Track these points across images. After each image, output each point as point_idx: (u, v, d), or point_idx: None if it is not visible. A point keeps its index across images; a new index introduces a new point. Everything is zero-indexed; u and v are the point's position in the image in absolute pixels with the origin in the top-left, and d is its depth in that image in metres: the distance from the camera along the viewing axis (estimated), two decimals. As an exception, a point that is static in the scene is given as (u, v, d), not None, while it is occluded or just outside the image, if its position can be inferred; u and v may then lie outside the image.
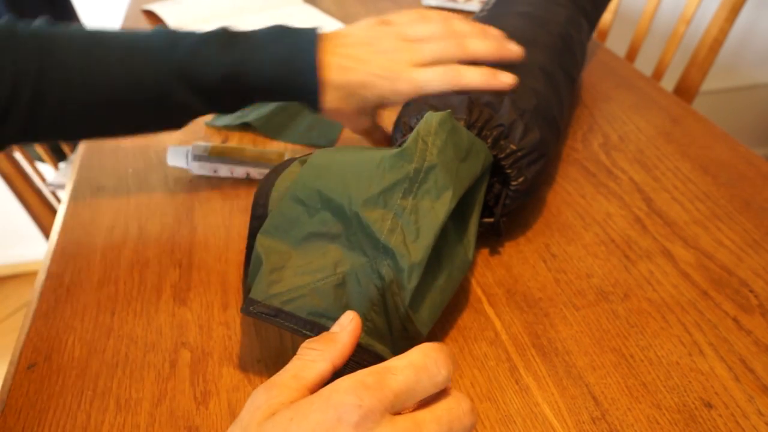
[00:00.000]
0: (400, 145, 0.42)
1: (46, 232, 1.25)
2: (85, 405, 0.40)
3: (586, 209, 0.53)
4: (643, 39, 1.02)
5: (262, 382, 0.40)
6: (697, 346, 0.41)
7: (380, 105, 0.51)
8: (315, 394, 0.25)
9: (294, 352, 0.42)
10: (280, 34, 0.50)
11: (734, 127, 1.88)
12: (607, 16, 1.08)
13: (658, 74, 0.97)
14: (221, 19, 0.95)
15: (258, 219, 0.41)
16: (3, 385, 0.41)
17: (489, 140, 0.46)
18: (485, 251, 0.49)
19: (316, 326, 0.36)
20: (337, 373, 0.31)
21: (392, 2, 1.02)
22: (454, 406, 0.25)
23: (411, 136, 0.40)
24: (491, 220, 0.47)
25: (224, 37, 0.49)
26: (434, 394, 0.26)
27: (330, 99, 0.50)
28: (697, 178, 0.56)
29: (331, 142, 0.64)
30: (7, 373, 0.42)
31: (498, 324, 0.43)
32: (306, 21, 0.93)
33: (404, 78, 0.48)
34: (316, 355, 0.28)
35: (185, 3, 1.01)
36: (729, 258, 0.47)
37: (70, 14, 1.22)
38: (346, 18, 0.95)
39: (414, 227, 0.37)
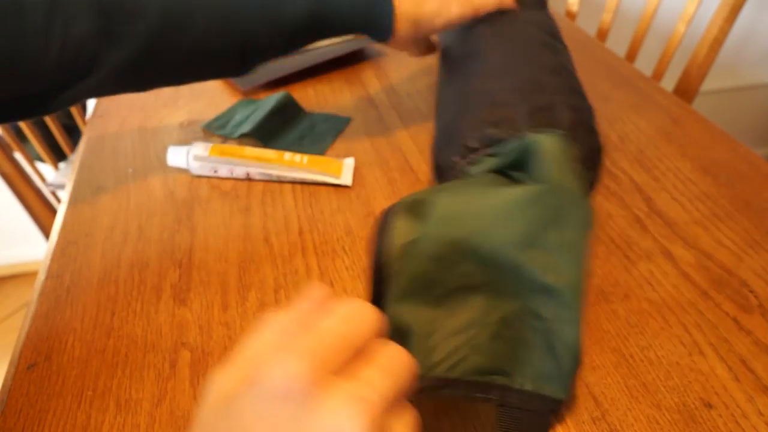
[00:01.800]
0: (459, 171, 0.42)
1: (46, 232, 1.25)
2: (85, 405, 0.40)
3: (586, 209, 0.53)
4: (643, 39, 1.01)
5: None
6: (697, 346, 0.41)
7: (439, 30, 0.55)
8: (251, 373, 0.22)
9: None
10: None
11: (734, 127, 1.88)
12: (607, 16, 1.07)
13: (658, 74, 0.97)
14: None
15: (378, 285, 0.36)
16: (3, 385, 0.41)
17: None
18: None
19: (487, 387, 0.34)
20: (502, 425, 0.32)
21: (392, 2, 1.02)
22: (391, 352, 0.23)
23: (539, 166, 0.37)
24: None
25: None
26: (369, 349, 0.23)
27: (402, 29, 0.54)
28: (697, 178, 0.56)
29: (321, 150, 0.64)
30: (7, 373, 0.42)
31: (498, 324, 0.43)
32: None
33: (467, 2, 0.53)
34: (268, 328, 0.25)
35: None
36: (729, 258, 0.47)
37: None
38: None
39: (570, 260, 0.35)
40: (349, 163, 0.60)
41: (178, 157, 0.60)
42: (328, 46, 0.85)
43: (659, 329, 0.42)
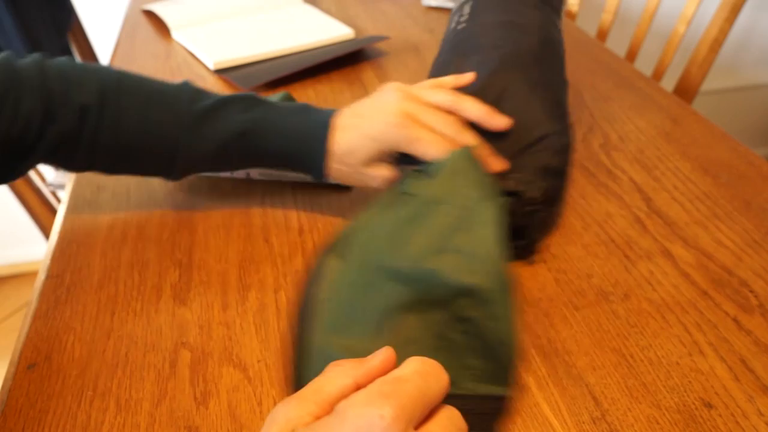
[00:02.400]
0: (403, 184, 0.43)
1: (46, 232, 1.25)
2: (85, 405, 0.40)
3: (586, 209, 0.53)
4: (643, 39, 1.01)
5: (262, 383, 0.40)
6: (697, 346, 0.41)
7: (393, 151, 0.48)
8: (331, 413, 0.24)
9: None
10: (302, 108, 0.50)
11: (734, 127, 1.88)
12: (607, 17, 1.07)
13: (658, 74, 0.97)
14: (221, 19, 0.95)
15: (303, 323, 0.37)
16: (3, 385, 0.41)
17: None
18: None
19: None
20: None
21: (392, 3, 1.02)
22: (450, 414, 0.26)
23: (443, 178, 0.40)
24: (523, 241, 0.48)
25: (247, 100, 0.50)
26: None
27: (335, 168, 0.49)
28: (697, 178, 0.56)
29: None
30: (7, 373, 0.42)
31: (498, 324, 0.43)
32: (306, 21, 0.93)
33: (408, 127, 0.46)
34: (340, 371, 0.27)
35: (185, 3, 1.01)
36: (729, 258, 0.47)
37: (69, 14, 1.22)
38: (346, 18, 0.95)
39: (481, 258, 0.36)
40: (349, 163, 0.60)
41: (178, 157, 0.60)
42: (328, 47, 0.85)
43: (659, 329, 0.42)
